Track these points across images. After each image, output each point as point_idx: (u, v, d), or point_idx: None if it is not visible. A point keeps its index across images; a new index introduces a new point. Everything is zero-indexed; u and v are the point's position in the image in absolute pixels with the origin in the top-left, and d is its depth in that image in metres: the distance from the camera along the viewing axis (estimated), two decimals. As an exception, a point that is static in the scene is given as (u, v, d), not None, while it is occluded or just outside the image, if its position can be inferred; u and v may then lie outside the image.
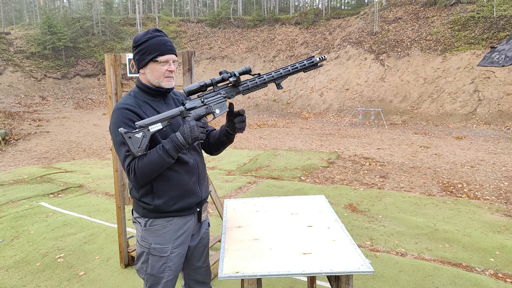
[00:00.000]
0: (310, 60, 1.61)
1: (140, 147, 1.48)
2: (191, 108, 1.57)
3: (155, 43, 1.62)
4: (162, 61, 1.62)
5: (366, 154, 9.30)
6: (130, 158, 1.52)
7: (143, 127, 1.50)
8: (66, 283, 3.09)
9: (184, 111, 1.56)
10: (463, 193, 5.87)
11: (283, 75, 1.61)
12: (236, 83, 1.59)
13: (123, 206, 3.29)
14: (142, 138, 1.49)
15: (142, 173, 1.51)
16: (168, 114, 1.55)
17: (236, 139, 12.44)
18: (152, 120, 1.52)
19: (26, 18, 39.10)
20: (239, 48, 27.53)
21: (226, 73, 1.56)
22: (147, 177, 1.53)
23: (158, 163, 1.51)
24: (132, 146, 1.47)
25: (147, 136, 1.50)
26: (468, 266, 3.34)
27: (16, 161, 9.59)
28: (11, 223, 4.60)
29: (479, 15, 19.06)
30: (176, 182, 1.65)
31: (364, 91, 19.22)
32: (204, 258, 1.90)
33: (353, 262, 1.57)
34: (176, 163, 1.64)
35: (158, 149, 1.52)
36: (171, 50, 1.65)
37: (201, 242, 1.86)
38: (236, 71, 1.57)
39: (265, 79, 1.60)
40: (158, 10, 35.32)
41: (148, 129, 1.51)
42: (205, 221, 1.90)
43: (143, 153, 1.50)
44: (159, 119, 1.53)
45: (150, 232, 1.68)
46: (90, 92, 24.82)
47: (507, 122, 13.91)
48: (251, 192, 5.91)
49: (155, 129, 1.52)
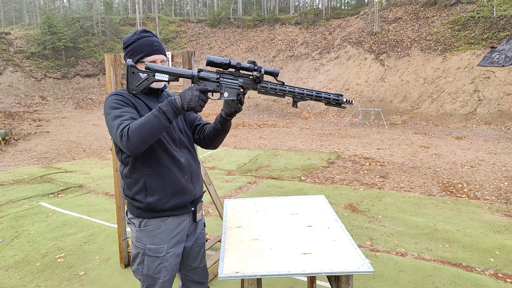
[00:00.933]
0: (337, 97, 1.54)
1: (137, 86, 1.43)
2: (204, 78, 1.51)
3: (141, 44, 1.63)
4: (148, 61, 1.62)
5: (366, 154, 9.30)
6: (123, 125, 1.45)
7: (150, 70, 1.44)
8: (66, 283, 3.09)
9: (196, 77, 1.51)
10: (463, 193, 5.87)
11: (304, 95, 1.53)
12: (258, 79, 1.52)
13: (123, 206, 3.29)
14: (144, 79, 1.44)
15: (136, 132, 1.40)
16: (179, 71, 1.50)
17: (236, 139, 12.44)
18: (162, 68, 1.47)
19: (26, 18, 39.11)
20: (239, 48, 27.53)
21: (253, 65, 1.49)
22: (142, 138, 1.41)
23: (155, 124, 1.42)
24: (130, 81, 1.41)
25: (149, 80, 1.45)
26: (468, 266, 3.34)
27: (16, 161, 9.59)
28: (11, 223, 4.59)
29: (479, 15, 19.06)
30: (169, 179, 1.63)
31: (364, 91, 19.22)
32: (201, 259, 1.89)
33: (353, 262, 1.57)
34: (168, 160, 1.63)
35: (155, 111, 1.43)
36: (158, 50, 1.65)
37: (196, 242, 1.85)
38: (263, 68, 1.50)
39: (286, 91, 1.52)
40: (158, 10, 35.32)
41: (154, 75, 1.45)
42: (201, 221, 1.89)
43: (137, 93, 1.45)
44: (168, 71, 1.47)
45: (144, 232, 1.67)
46: (90, 92, 24.83)
47: (507, 122, 13.91)
48: (251, 192, 5.91)
49: (161, 78, 1.45)
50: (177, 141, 1.71)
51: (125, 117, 1.49)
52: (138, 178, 1.64)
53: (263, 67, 1.50)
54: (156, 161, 1.62)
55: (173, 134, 1.69)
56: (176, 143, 1.70)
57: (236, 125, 16.09)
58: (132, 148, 1.44)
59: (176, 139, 1.71)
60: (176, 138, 1.71)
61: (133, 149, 1.44)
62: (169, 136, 1.67)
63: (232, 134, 13.60)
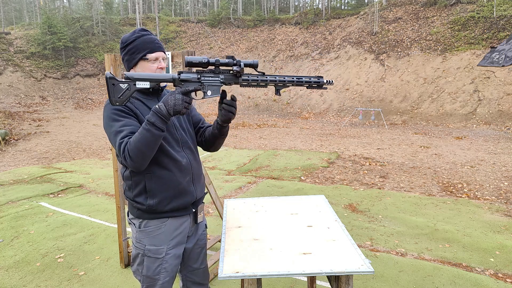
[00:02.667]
0: (317, 79, 1.57)
1: (120, 98, 1.41)
2: (185, 80, 1.51)
3: (143, 42, 1.63)
4: (152, 58, 1.63)
5: (366, 154, 9.30)
6: (124, 143, 1.47)
7: (130, 80, 1.43)
8: (66, 283, 3.09)
9: (177, 80, 1.50)
10: (463, 193, 5.87)
11: (286, 82, 1.55)
12: (238, 73, 1.53)
13: (123, 206, 3.29)
14: (125, 89, 1.42)
15: (137, 151, 1.44)
16: (160, 76, 1.50)
17: (236, 139, 12.44)
18: (141, 76, 1.46)
19: (26, 18, 39.10)
20: (239, 48, 27.53)
21: (232, 59, 1.50)
22: (142, 155, 1.46)
23: (148, 137, 1.44)
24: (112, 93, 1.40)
25: (131, 90, 1.43)
26: (468, 266, 3.34)
27: (16, 161, 9.59)
28: (11, 223, 4.59)
29: (479, 15, 19.06)
30: (169, 181, 1.63)
31: (364, 91, 19.21)
32: (202, 260, 1.89)
33: (353, 262, 1.57)
34: (169, 162, 1.62)
35: (145, 125, 1.45)
36: (160, 47, 1.66)
37: (198, 244, 1.84)
38: (242, 61, 1.51)
39: (267, 80, 1.54)
40: (158, 10, 35.32)
41: (134, 84, 1.44)
42: (202, 223, 1.88)
43: (121, 104, 1.44)
44: (148, 78, 1.46)
45: (144, 233, 1.67)
46: (90, 92, 24.83)
47: (507, 122, 13.91)
48: (251, 192, 5.91)
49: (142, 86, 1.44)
50: (180, 141, 1.69)
51: (124, 133, 1.51)
52: (139, 181, 1.63)
53: (242, 60, 1.51)
54: (156, 164, 1.60)
55: (175, 134, 1.68)
56: (178, 143, 1.69)
57: (236, 125, 16.10)
58: (137, 166, 1.50)
59: (179, 139, 1.69)
60: (178, 138, 1.69)
61: (139, 167, 1.50)
62: (171, 136, 1.66)
63: (232, 134, 13.60)
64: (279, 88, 1.57)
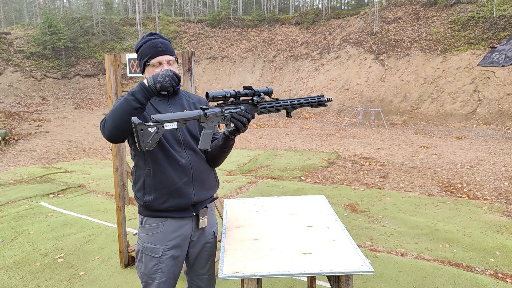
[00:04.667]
0: (320, 99, 1.73)
1: (149, 142, 1.42)
2: (211, 115, 1.55)
3: (146, 47, 1.66)
4: (154, 63, 1.64)
5: (366, 154, 9.30)
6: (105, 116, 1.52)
7: (159, 122, 1.43)
8: (66, 283, 3.09)
9: (203, 117, 1.54)
10: (463, 193, 5.87)
11: (296, 106, 1.69)
12: (258, 103, 1.62)
13: (123, 206, 3.29)
14: (154, 133, 1.43)
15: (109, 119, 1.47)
16: (186, 116, 1.50)
17: (236, 139, 12.44)
18: (169, 118, 1.45)
19: (26, 18, 39.10)
20: (239, 48, 27.53)
21: (251, 90, 1.59)
22: (113, 124, 1.46)
23: (124, 106, 1.45)
24: (141, 139, 1.40)
25: (159, 133, 1.44)
26: (468, 266, 3.34)
27: (16, 161, 9.59)
28: (11, 223, 4.59)
29: (479, 15, 19.06)
30: (164, 179, 1.63)
31: (364, 91, 19.21)
32: (209, 267, 1.87)
33: (353, 262, 1.57)
34: (165, 161, 1.63)
35: (126, 95, 1.47)
36: (163, 51, 1.65)
37: (204, 250, 1.82)
38: (261, 91, 1.60)
39: (281, 105, 1.66)
40: (158, 10, 35.33)
41: (163, 126, 1.44)
42: (209, 230, 1.84)
43: (151, 149, 1.45)
44: (176, 118, 1.47)
45: (144, 230, 1.71)
46: (90, 92, 24.83)
47: (507, 122, 13.91)
48: (251, 192, 5.91)
49: (170, 127, 1.46)
50: (182, 142, 1.68)
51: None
52: (139, 176, 1.68)
53: (259, 89, 1.61)
54: (154, 161, 1.63)
55: (177, 134, 1.68)
56: (180, 143, 1.68)
57: (236, 125, 16.07)
58: (106, 133, 1.49)
59: (181, 140, 1.68)
60: (180, 138, 1.68)
61: (108, 135, 1.50)
62: (172, 136, 1.66)
63: (232, 134, 13.58)
64: (290, 111, 1.70)
